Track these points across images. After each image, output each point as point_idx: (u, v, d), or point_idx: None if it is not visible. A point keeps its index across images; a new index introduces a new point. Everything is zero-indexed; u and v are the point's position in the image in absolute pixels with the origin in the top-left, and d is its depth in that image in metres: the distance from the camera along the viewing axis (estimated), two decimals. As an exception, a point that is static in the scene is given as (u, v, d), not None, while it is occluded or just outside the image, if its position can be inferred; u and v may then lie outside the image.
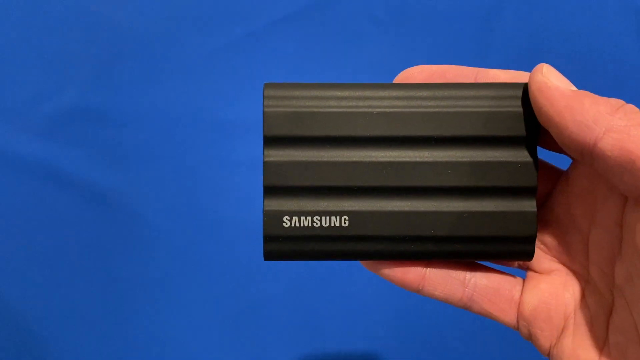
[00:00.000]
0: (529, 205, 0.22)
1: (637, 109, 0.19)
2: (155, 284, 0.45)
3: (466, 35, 0.47)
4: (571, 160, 0.23)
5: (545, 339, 0.22)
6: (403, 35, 0.47)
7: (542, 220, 0.24)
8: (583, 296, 0.22)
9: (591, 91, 0.20)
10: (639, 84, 0.46)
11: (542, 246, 0.24)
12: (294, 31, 0.47)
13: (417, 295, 0.24)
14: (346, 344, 0.44)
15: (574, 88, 0.20)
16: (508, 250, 0.22)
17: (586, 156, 0.19)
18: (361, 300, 0.44)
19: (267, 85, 0.22)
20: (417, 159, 0.22)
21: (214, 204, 0.46)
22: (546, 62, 0.21)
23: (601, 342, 0.21)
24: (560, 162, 0.24)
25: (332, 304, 0.45)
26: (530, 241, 0.22)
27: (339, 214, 0.22)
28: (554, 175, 0.24)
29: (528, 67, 0.21)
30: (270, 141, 0.22)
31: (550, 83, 0.20)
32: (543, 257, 0.23)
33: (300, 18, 0.48)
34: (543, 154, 0.23)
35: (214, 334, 0.44)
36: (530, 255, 0.22)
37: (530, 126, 0.22)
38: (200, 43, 0.47)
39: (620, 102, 0.19)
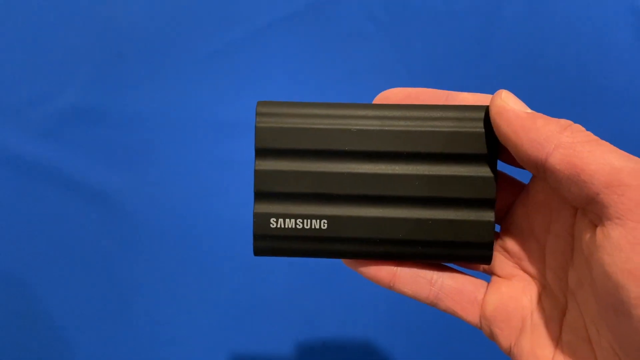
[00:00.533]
0: (488, 216, 0.24)
1: (582, 128, 0.21)
2: (155, 283, 0.45)
3: (466, 36, 0.47)
4: (532, 175, 0.25)
5: (504, 338, 0.24)
6: (402, 35, 0.48)
7: (506, 229, 0.26)
8: (540, 299, 0.24)
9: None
10: (638, 84, 0.46)
11: (505, 253, 0.26)
12: (293, 32, 0.48)
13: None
14: (342, 339, 0.45)
15: (529, 111, 0.22)
16: (469, 254, 0.25)
17: (540, 170, 0.22)
18: (356, 297, 0.45)
19: (259, 103, 0.25)
20: (389, 172, 0.24)
21: (213, 203, 0.46)
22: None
23: (555, 341, 0.23)
24: (524, 177, 0.26)
25: (328, 302, 0.45)
26: (488, 247, 0.24)
27: (319, 217, 0.24)
28: (517, 189, 0.26)
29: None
30: (261, 152, 0.24)
31: (508, 106, 0.22)
32: (506, 263, 0.26)
33: (300, 19, 0.48)
34: (508, 169, 0.26)
35: (213, 332, 0.45)
36: (488, 259, 0.25)
37: (491, 144, 0.24)
38: (200, 43, 0.48)
39: (569, 122, 0.21)
